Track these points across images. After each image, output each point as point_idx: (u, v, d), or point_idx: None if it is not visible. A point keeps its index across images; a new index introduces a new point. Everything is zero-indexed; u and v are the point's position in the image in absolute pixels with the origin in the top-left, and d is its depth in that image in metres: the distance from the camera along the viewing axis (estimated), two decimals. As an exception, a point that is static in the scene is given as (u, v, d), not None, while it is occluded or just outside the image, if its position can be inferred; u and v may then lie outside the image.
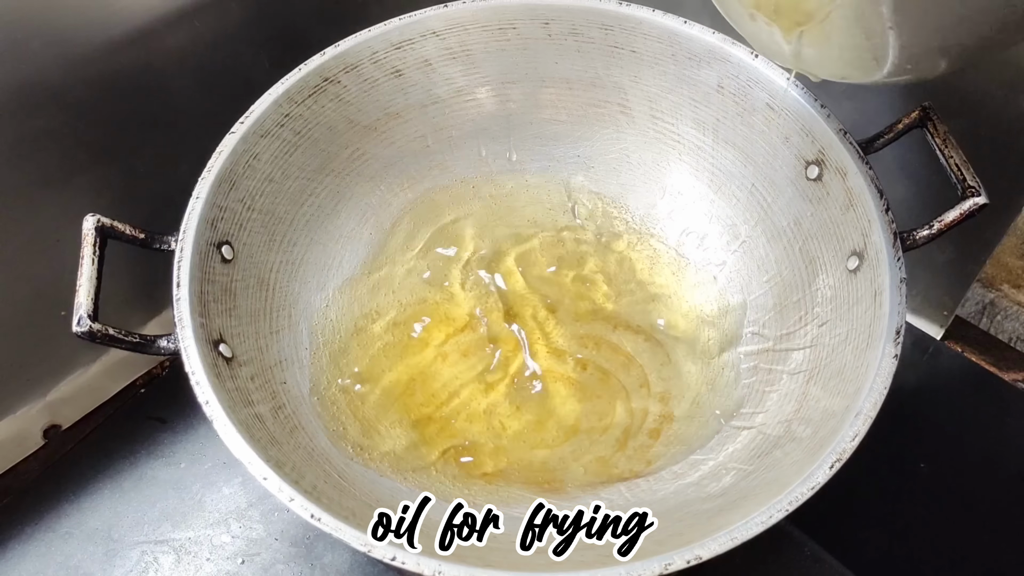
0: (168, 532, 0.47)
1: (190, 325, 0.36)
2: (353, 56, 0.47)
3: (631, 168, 0.53)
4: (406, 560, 0.30)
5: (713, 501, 0.37)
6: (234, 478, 0.49)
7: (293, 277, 0.46)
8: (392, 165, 0.52)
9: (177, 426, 0.51)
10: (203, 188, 0.41)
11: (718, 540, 0.31)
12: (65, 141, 0.45)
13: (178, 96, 0.49)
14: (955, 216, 0.39)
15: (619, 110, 0.52)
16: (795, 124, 0.44)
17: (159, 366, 0.55)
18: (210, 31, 0.49)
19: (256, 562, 0.45)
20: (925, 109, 0.41)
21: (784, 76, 0.44)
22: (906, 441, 0.49)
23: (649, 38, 0.48)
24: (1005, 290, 0.56)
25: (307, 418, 0.41)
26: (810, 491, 0.32)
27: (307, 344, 0.45)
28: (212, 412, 0.34)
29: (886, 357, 0.35)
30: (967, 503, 0.47)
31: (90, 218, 0.38)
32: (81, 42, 0.43)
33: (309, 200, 0.48)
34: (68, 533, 0.47)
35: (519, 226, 0.53)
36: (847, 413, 0.35)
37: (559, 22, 0.49)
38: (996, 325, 0.57)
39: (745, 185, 0.48)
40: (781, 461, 0.36)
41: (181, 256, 0.38)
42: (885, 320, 0.37)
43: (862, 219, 0.40)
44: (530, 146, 0.54)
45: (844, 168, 0.41)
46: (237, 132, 0.43)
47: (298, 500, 0.32)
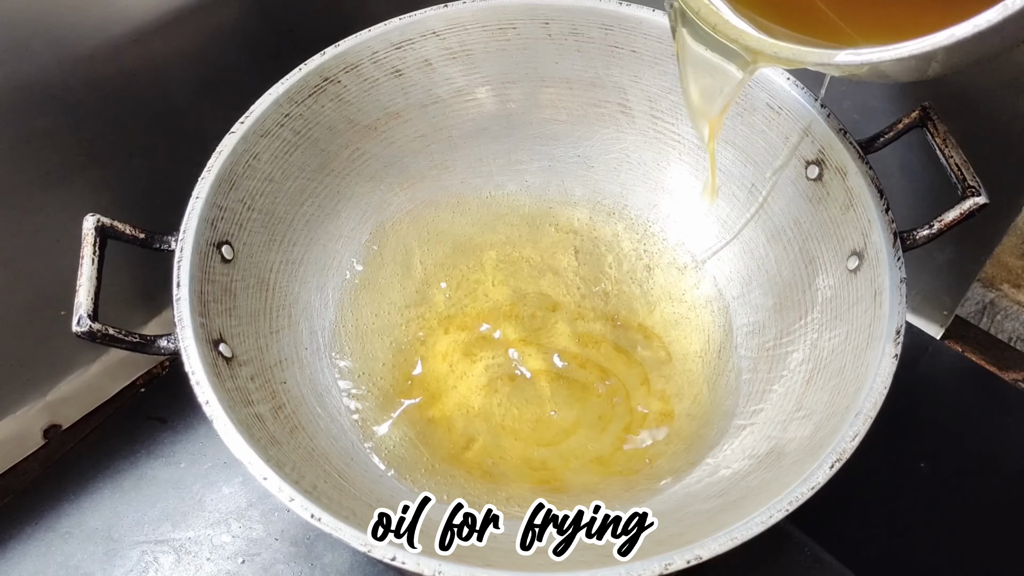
0: (168, 532, 0.47)
1: (190, 325, 0.36)
2: (353, 56, 0.47)
3: (631, 168, 0.53)
4: (406, 560, 0.30)
5: (713, 500, 0.37)
6: (234, 478, 0.49)
7: (293, 277, 0.46)
8: (392, 165, 0.52)
9: (177, 426, 0.51)
10: (203, 188, 0.41)
11: (718, 540, 0.31)
12: (65, 141, 0.45)
13: (178, 96, 0.49)
14: (955, 216, 0.39)
15: (619, 110, 0.52)
16: (795, 124, 0.44)
17: (159, 366, 0.55)
18: (210, 31, 0.49)
19: (256, 562, 0.45)
20: (925, 109, 0.41)
21: (784, 76, 0.44)
22: (906, 441, 0.49)
23: (649, 38, 0.48)
24: (1005, 290, 0.56)
25: (307, 418, 0.41)
26: (810, 491, 0.32)
27: (307, 344, 0.45)
28: (212, 412, 0.34)
29: (886, 357, 0.35)
30: (967, 503, 0.47)
31: (90, 218, 0.38)
32: (81, 42, 0.43)
33: (309, 200, 0.48)
34: (68, 533, 0.47)
35: (519, 226, 0.53)
36: (847, 413, 0.35)
37: (559, 22, 0.49)
38: (996, 325, 0.57)
39: (745, 185, 0.48)
40: (781, 461, 0.36)
41: (181, 256, 0.38)
42: (885, 320, 0.37)
43: (862, 219, 0.40)
44: (530, 146, 0.54)
45: (844, 168, 0.42)
46: (237, 132, 0.43)
47: (298, 500, 0.32)
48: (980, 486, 0.48)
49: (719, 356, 0.47)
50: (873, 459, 0.34)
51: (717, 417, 0.44)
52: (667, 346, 0.48)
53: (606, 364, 0.47)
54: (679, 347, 0.48)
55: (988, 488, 0.48)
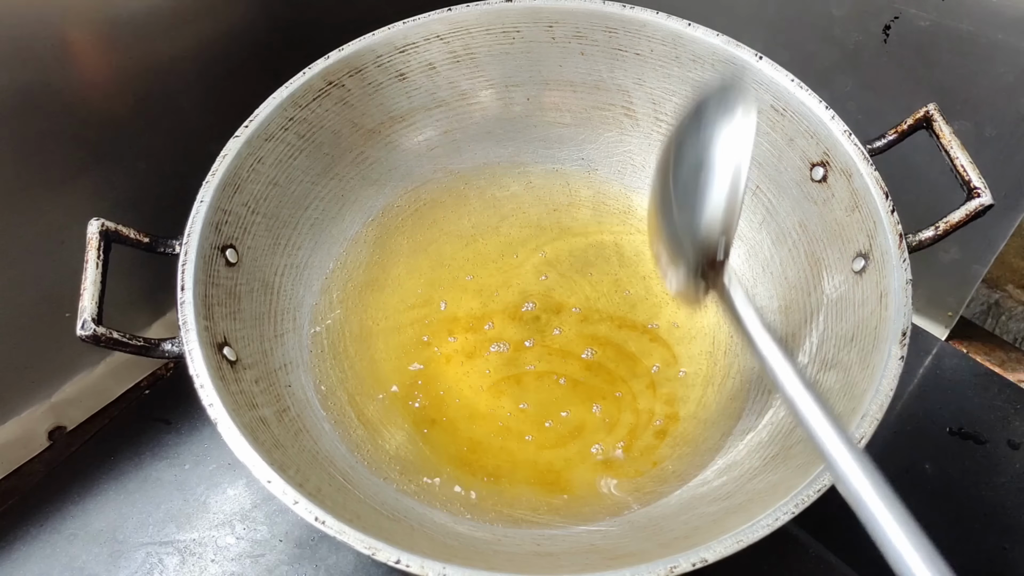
0: (173, 533, 0.47)
1: (194, 328, 0.36)
2: (357, 60, 0.47)
3: (635, 171, 0.53)
4: (410, 563, 0.30)
5: (719, 503, 0.37)
6: (238, 480, 0.49)
7: (298, 280, 0.46)
8: (396, 168, 0.52)
9: (182, 428, 0.51)
10: (207, 192, 0.41)
11: (724, 543, 0.30)
12: (69, 144, 0.45)
13: (182, 99, 0.49)
14: (960, 217, 0.39)
15: (623, 112, 0.52)
16: (800, 126, 0.44)
17: (164, 368, 0.55)
18: (214, 35, 0.49)
19: (261, 563, 0.45)
20: (930, 110, 0.41)
21: (789, 77, 0.44)
22: (911, 442, 0.49)
23: (653, 41, 0.48)
24: (1010, 291, 0.56)
25: (312, 421, 0.41)
26: (816, 493, 0.32)
27: (311, 347, 0.45)
28: (216, 415, 0.34)
29: (892, 359, 0.35)
30: (972, 504, 0.47)
31: (94, 222, 0.38)
32: (86, 45, 0.43)
33: (313, 204, 0.48)
34: (73, 534, 0.47)
35: (523, 228, 0.53)
36: (853, 415, 0.34)
37: (563, 25, 0.49)
38: (1001, 326, 0.57)
39: (750, 187, 0.48)
40: (787, 463, 0.36)
41: (185, 260, 0.38)
42: (891, 322, 0.37)
43: (867, 220, 0.40)
44: (534, 149, 0.54)
45: (849, 169, 0.41)
46: (241, 136, 0.43)
47: (302, 503, 0.32)
48: (985, 488, 0.48)
49: (724, 358, 0.46)
50: (878, 460, 0.34)
51: (723, 419, 0.44)
52: (672, 348, 0.48)
53: (611, 366, 0.47)
54: (684, 350, 0.47)
55: (994, 490, 0.48)
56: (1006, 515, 0.47)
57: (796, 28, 0.51)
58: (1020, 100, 0.44)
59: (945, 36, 0.45)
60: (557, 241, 0.52)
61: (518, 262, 0.52)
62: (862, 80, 0.50)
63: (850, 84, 0.51)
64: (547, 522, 0.40)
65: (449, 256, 0.52)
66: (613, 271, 0.51)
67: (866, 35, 0.48)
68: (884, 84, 0.49)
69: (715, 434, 0.43)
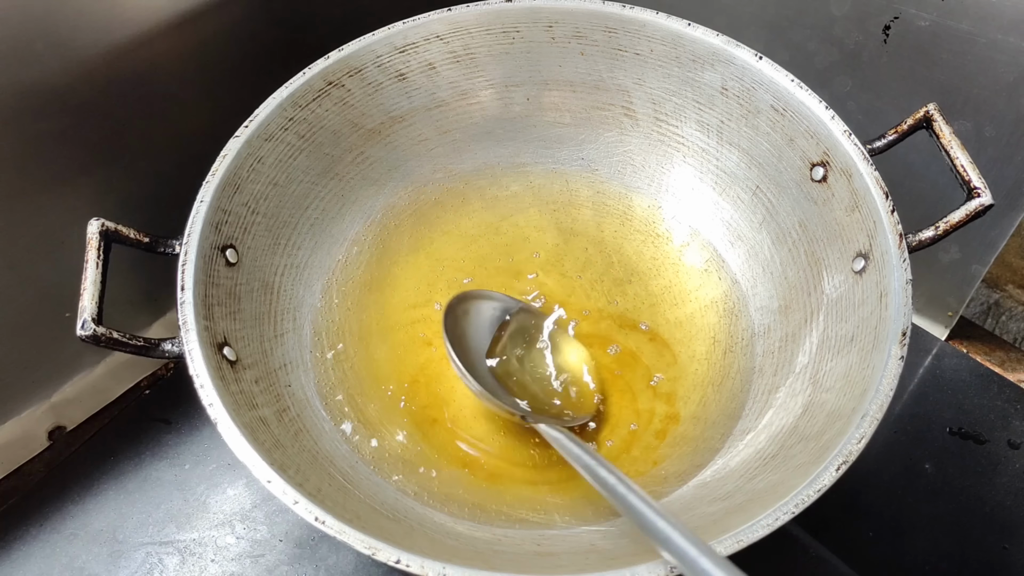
0: (173, 533, 0.47)
1: (194, 328, 0.36)
2: (357, 60, 0.47)
3: (635, 171, 0.53)
4: (410, 563, 0.30)
5: (719, 503, 0.37)
6: (238, 480, 0.49)
7: (298, 280, 0.46)
8: (396, 168, 0.52)
9: (182, 428, 0.51)
10: (207, 192, 0.41)
11: (724, 543, 0.30)
12: (69, 144, 0.45)
13: (182, 99, 0.49)
14: (960, 217, 0.39)
15: (623, 112, 0.52)
16: (800, 126, 0.44)
17: (164, 368, 0.55)
18: (214, 35, 0.49)
19: (261, 563, 0.45)
20: (930, 110, 0.41)
21: (788, 77, 0.44)
22: (911, 442, 0.49)
23: (653, 41, 0.48)
24: (1010, 290, 0.56)
25: (312, 421, 0.41)
26: (816, 493, 0.32)
27: (311, 347, 0.45)
28: (216, 415, 0.34)
29: (892, 359, 0.35)
30: (972, 504, 0.47)
31: (94, 222, 0.38)
32: (86, 45, 0.43)
33: (313, 204, 0.48)
34: (73, 534, 0.47)
35: (523, 228, 0.53)
36: (853, 415, 0.34)
37: (563, 25, 0.49)
38: (1001, 326, 0.57)
39: (750, 187, 0.48)
40: (787, 463, 0.36)
41: (185, 260, 0.38)
42: (891, 322, 0.37)
43: (867, 220, 0.40)
44: (534, 149, 0.54)
45: (849, 169, 0.41)
46: (241, 136, 0.43)
47: (302, 503, 0.32)
48: (985, 488, 0.48)
49: (724, 358, 0.46)
50: (878, 460, 0.34)
51: (723, 419, 0.44)
52: (672, 348, 0.48)
53: (612, 366, 0.47)
54: (684, 349, 0.47)
55: (993, 490, 0.48)
56: (1006, 515, 0.47)
57: (796, 28, 0.51)
58: (1020, 100, 0.44)
59: (945, 36, 0.45)
60: (557, 241, 0.52)
61: (518, 262, 0.52)
62: (862, 80, 0.50)
63: (850, 84, 0.51)
64: (547, 522, 0.40)
65: (449, 256, 0.52)
66: (613, 271, 0.51)
67: (866, 35, 0.48)
68: (884, 84, 0.49)
69: (715, 434, 0.43)
